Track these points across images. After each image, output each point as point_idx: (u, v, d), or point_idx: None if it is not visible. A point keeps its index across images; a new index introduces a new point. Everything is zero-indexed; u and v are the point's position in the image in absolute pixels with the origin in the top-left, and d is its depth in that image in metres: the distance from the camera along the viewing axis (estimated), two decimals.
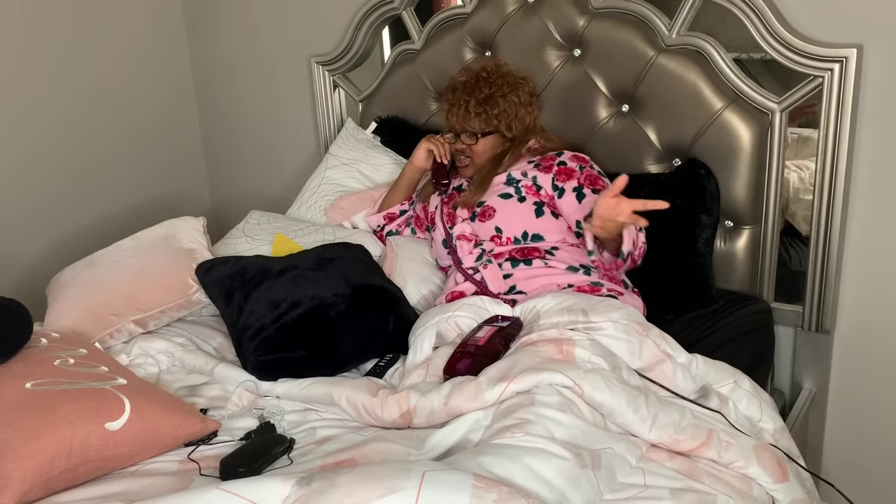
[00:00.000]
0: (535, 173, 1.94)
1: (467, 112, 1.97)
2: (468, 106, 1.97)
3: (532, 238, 1.90)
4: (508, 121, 1.98)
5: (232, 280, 1.86)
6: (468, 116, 1.98)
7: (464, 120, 1.99)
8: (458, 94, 1.99)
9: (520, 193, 1.93)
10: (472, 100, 1.96)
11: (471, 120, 1.98)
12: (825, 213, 1.94)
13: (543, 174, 1.93)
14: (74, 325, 1.86)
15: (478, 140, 1.99)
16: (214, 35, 2.98)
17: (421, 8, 2.45)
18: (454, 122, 2.01)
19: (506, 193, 1.94)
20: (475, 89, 1.97)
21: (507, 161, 1.99)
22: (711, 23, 2.03)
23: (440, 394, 1.48)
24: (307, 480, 1.16)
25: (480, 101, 1.96)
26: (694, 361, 1.63)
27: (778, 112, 1.94)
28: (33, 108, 2.62)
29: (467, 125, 1.99)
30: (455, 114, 2.00)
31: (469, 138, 2.00)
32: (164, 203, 3.02)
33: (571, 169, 1.92)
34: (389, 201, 2.23)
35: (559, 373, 1.44)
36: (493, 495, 1.11)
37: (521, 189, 1.93)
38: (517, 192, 1.93)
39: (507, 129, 1.99)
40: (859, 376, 2.07)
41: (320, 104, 2.70)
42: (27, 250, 2.64)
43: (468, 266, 1.91)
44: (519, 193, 1.93)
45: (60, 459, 1.35)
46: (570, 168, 1.92)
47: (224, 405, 1.67)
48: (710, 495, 1.32)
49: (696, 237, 1.97)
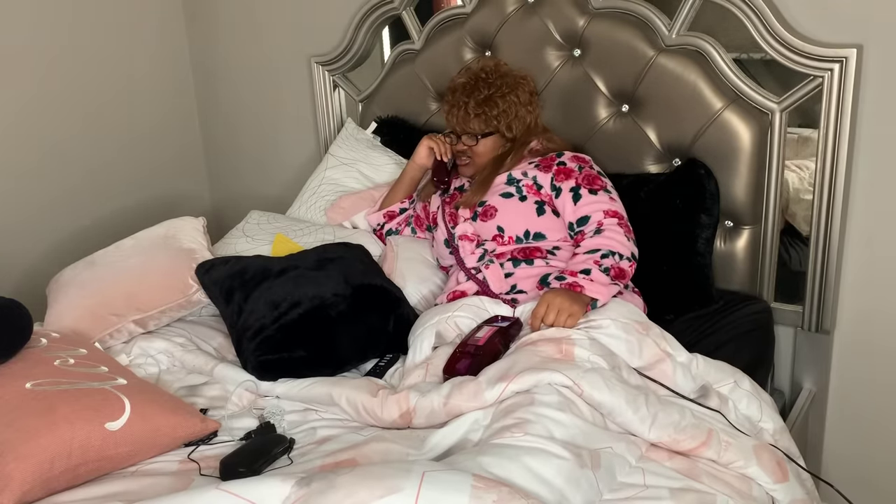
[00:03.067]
0: (535, 173, 1.94)
1: (467, 113, 1.97)
2: (467, 107, 1.97)
3: (534, 237, 1.90)
4: (508, 121, 1.98)
5: (232, 280, 1.86)
6: (468, 118, 1.98)
7: (464, 121, 1.99)
8: (458, 95, 1.99)
9: (521, 192, 1.93)
10: (472, 101, 1.96)
11: (470, 121, 1.98)
12: (825, 213, 1.94)
13: (543, 174, 1.93)
14: (74, 325, 1.86)
15: (478, 141, 1.99)
16: (215, 35, 2.97)
17: (421, 8, 2.45)
18: (454, 123, 2.01)
19: (507, 193, 1.94)
20: (474, 90, 1.97)
21: (509, 162, 1.99)
22: (711, 23, 2.03)
23: (440, 394, 1.48)
24: (307, 480, 1.16)
25: (480, 102, 1.96)
26: (694, 361, 1.64)
27: (778, 112, 1.94)
28: (33, 108, 2.62)
29: (467, 126, 1.99)
30: (455, 115, 2.00)
31: (469, 139, 2.00)
32: (164, 203, 3.02)
33: (570, 169, 1.92)
34: (390, 199, 2.23)
35: (559, 372, 1.44)
36: (492, 495, 1.11)
37: (521, 188, 1.93)
38: (518, 191, 1.93)
39: (507, 130, 1.99)
40: (859, 376, 2.07)
41: (320, 104, 2.70)
42: (27, 250, 2.64)
43: (471, 266, 1.91)
44: (520, 192, 1.93)
45: (60, 459, 1.35)
46: (570, 168, 1.92)
47: (224, 405, 1.67)
48: (710, 495, 1.32)
49: (696, 237, 1.97)
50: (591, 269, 1.74)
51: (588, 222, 1.86)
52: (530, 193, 1.92)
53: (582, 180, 1.90)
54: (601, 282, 1.72)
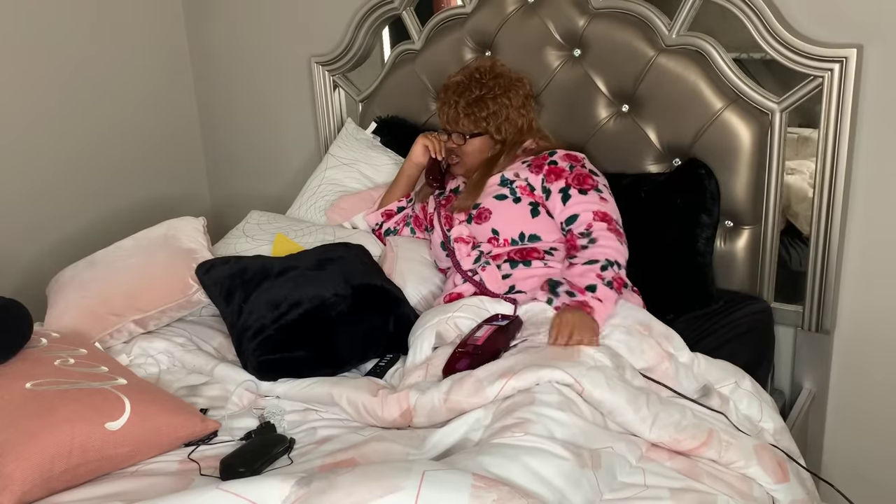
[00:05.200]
0: (527, 174, 1.93)
1: (457, 112, 1.96)
2: (457, 107, 1.96)
3: (529, 238, 1.89)
4: (498, 123, 1.96)
5: (232, 280, 1.86)
6: (458, 117, 1.97)
7: (454, 120, 1.98)
8: (450, 94, 1.98)
9: (515, 194, 1.92)
10: (462, 101, 1.95)
11: (460, 120, 1.97)
12: (825, 213, 1.94)
13: (534, 175, 1.92)
14: (74, 325, 1.86)
15: (466, 140, 1.99)
16: (215, 35, 2.97)
17: (421, 8, 2.45)
18: (444, 121, 2.01)
19: (501, 195, 1.93)
20: (466, 90, 1.96)
21: (501, 163, 1.98)
22: (711, 23, 2.03)
23: (440, 390, 1.48)
24: (307, 480, 1.16)
25: (470, 102, 1.95)
26: (696, 361, 1.64)
27: (778, 112, 1.94)
28: (33, 108, 2.62)
29: (457, 125, 1.98)
30: (445, 113, 1.99)
31: (458, 138, 2.00)
32: (164, 203, 3.02)
33: (561, 168, 1.91)
34: (388, 198, 2.23)
35: (560, 370, 1.44)
36: (492, 495, 1.11)
37: (515, 190, 1.92)
38: (512, 192, 1.92)
39: (497, 132, 1.97)
40: (859, 376, 2.07)
41: (320, 104, 2.70)
42: (27, 250, 2.64)
43: (467, 268, 1.91)
44: (514, 194, 1.92)
45: (60, 459, 1.35)
46: (560, 168, 1.91)
47: (224, 405, 1.67)
48: (711, 495, 1.32)
49: (697, 237, 1.97)
50: (597, 285, 1.71)
51: (576, 221, 1.84)
52: (524, 195, 1.92)
53: (572, 180, 1.88)
54: (608, 299, 1.70)
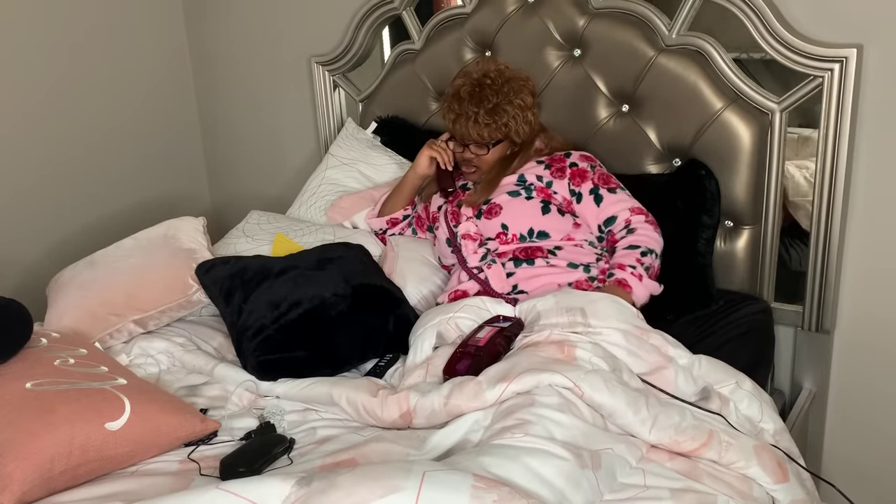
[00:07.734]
0: (549, 178, 1.94)
1: (476, 123, 1.92)
2: (477, 117, 1.92)
3: (538, 235, 1.90)
4: (517, 126, 1.95)
5: (232, 280, 1.86)
6: (478, 127, 1.93)
7: (473, 131, 1.94)
8: (465, 105, 1.93)
9: (529, 192, 1.93)
10: (481, 110, 1.91)
11: (480, 130, 1.94)
12: (825, 213, 1.94)
13: (558, 180, 1.94)
14: (74, 325, 1.86)
15: (489, 150, 1.98)
16: (215, 35, 2.97)
17: (421, 8, 2.45)
18: (463, 132, 1.96)
19: (514, 192, 1.94)
20: (483, 99, 1.92)
21: (516, 163, 1.98)
22: (711, 23, 2.03)
23: (440, 394, 1.48)
24: (307, 480, 1.16)
25: (489, 111, 1.91)
26: (696, 362, 1.63)
27: (778, 112, 1.94)
28: (33, 108, 2.62)
29: (480, 137, 1.95)
30: (463, 125, 1.94)
31: (479, 148, 1.98)
32: (164, 203, 3.02)
33: (584, 170, 1.94)
34: (391, 206, 2.21)
35: (559, 374, 1.44)
36: (492, 495, 1.11)
37: (531, 188, 1.94)
38: (527, 190, 1.94)
39: (517, 135, 1.97)
40: (859, 376, 2.07)
41: (320, 104, 2.70)
42: (27, 250, 2.64)
43: (473, 265, 1.91)
44: (528, 192, 1.93)
45: (60, 459, 1.35)
46: (582, 168, 1.94)
47: (224, 405, 1.67)
48: (711, 496, 1.32)
49: (697, 237, 1.97)
50: (636, 266, 1.81)
51: (616, 222, 1.91)
52: (539, 194, 1.93)
53: (598, 180, 1.94)
54: (645, 284, 1.81)
